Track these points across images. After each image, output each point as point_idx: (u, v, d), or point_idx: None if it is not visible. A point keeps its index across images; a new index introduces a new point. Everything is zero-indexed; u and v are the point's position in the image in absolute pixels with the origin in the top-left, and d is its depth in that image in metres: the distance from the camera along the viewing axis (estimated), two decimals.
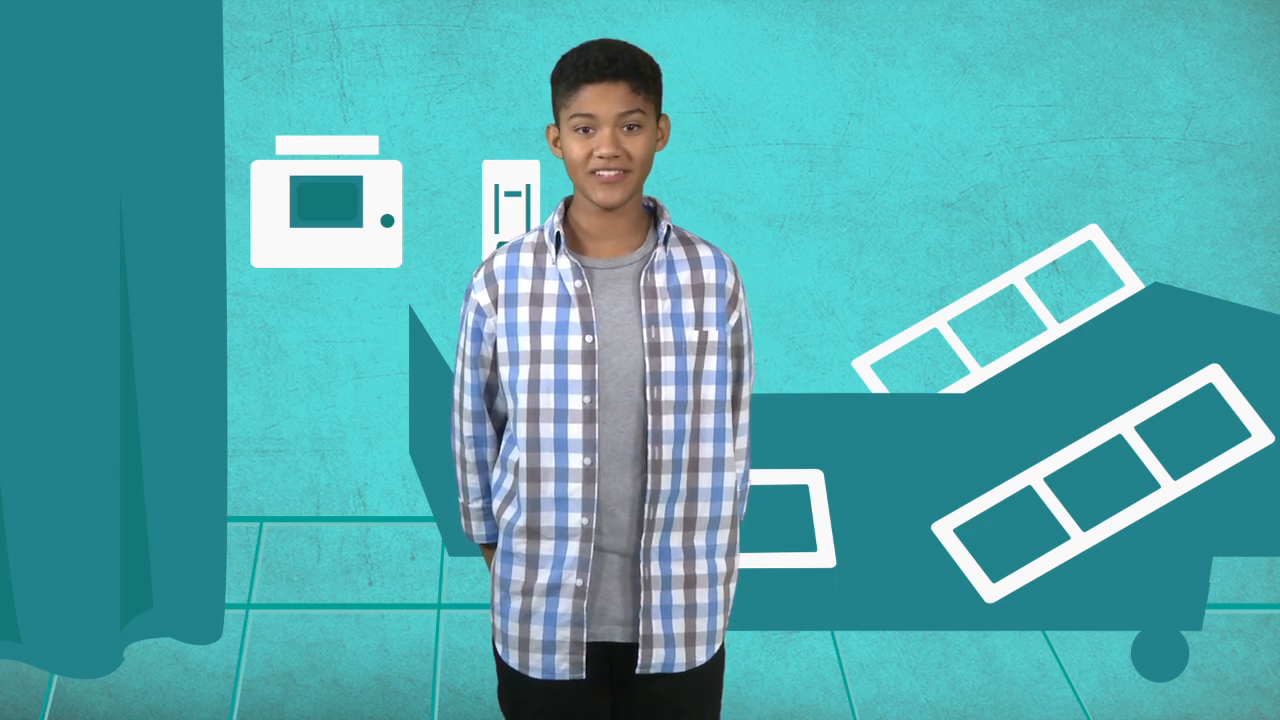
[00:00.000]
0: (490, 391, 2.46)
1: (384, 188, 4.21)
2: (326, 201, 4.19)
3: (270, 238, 4.22)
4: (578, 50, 2.36)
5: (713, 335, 2.38)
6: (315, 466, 4.24)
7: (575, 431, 2.33)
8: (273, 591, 4.23)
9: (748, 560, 4.05)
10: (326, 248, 4.22)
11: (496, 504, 2.47)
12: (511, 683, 2.43)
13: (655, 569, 2.36)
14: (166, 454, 4.10)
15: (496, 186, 4.21)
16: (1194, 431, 4.18)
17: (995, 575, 4.13)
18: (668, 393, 2.35)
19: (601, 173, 2.31)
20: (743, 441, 2.50)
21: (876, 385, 4.25)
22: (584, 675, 2.37)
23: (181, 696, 4.14)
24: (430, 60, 4.23)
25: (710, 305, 2.39)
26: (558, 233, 2.37)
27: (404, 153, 4.22)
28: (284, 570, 4.24)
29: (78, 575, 4.02)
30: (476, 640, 4.19)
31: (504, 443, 2.46)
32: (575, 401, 2.33)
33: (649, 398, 2.34)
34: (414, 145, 4.23)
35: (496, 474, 2.47)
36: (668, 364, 2.35)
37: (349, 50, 4.22)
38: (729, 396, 2.43)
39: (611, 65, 2.31)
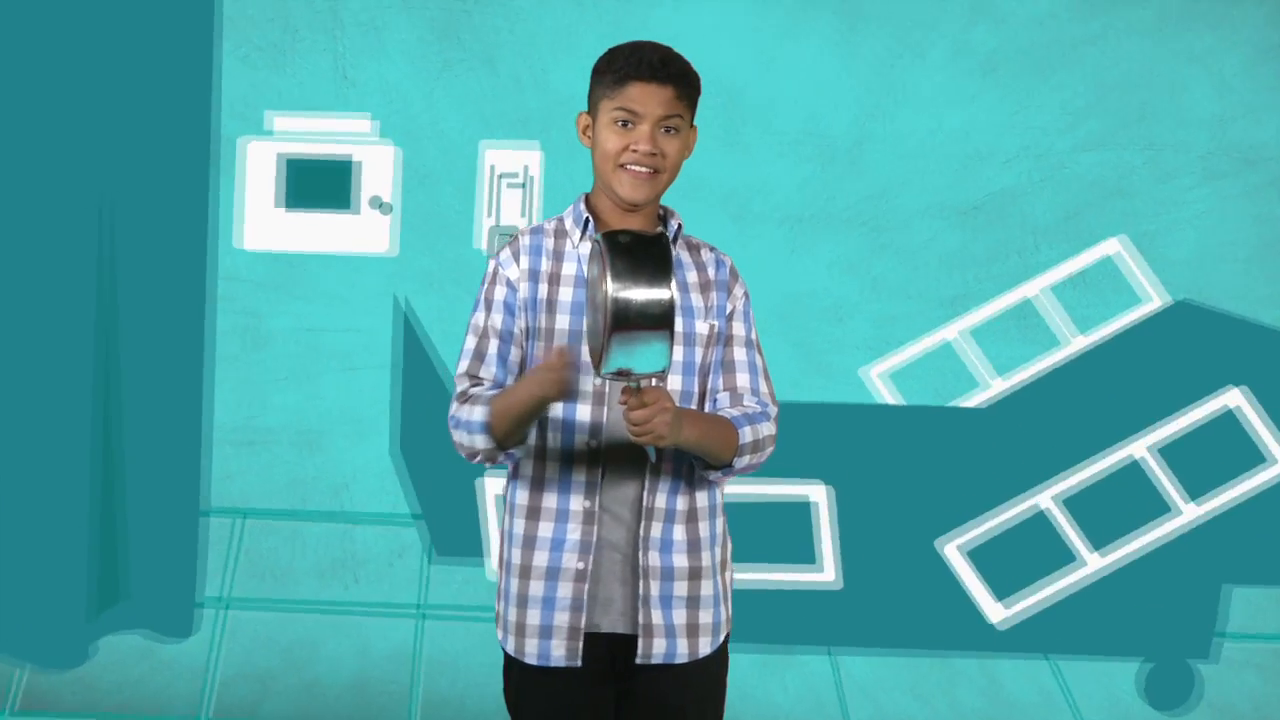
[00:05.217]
0: (514, 369, 2.45)
1: (378, 171, 4.16)
2: (318, 184, 4.16)
3: (258, 219, 4.17)
4: (631, 47, 2.41)
5: (718, 328, 2.46)
6: (298, 460, 4.20)
7: (584, 413, 2.37)
8: (252, 587, 4.20)
9: (750, 576, 4.02)
10: (317, 232, 4.17)
11: (505, 474, 2.52)
12: (515, 673, 2.45)
13: (655, 559, 2.39)
14: (144, 443, 4.08)
15: (493, 168, 4.18)
16: (1212, 455, 4.18)
17: (1003, 597, 4.10)
18: (674, 382, 2.40)
19: (633, 168, 2.37)
20: (764, 383, 2.50)
21: (887, 396, 4.21)
22: (579, 663, 2.38)
23: (154, 692, 4.09)
24: (434, 42, 4.18)
25: (713, 300, 2.46)
26: (586, 217, 2.43)
27: (401, 135, 4.18)
28: (263, 566, 4.20)
29: (45, 565, 4.00)
30: (459, 646, 4.15)
31: None
32: (586, 383, 2.37)
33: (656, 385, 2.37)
34: (411, 128, 4.18)
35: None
36: (677, 354, 2.40)
37: (350, 29, 4.18)
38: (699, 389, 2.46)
39: (664, 68, 2.38)
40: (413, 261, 4.18)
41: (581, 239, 2.43)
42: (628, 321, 2.09)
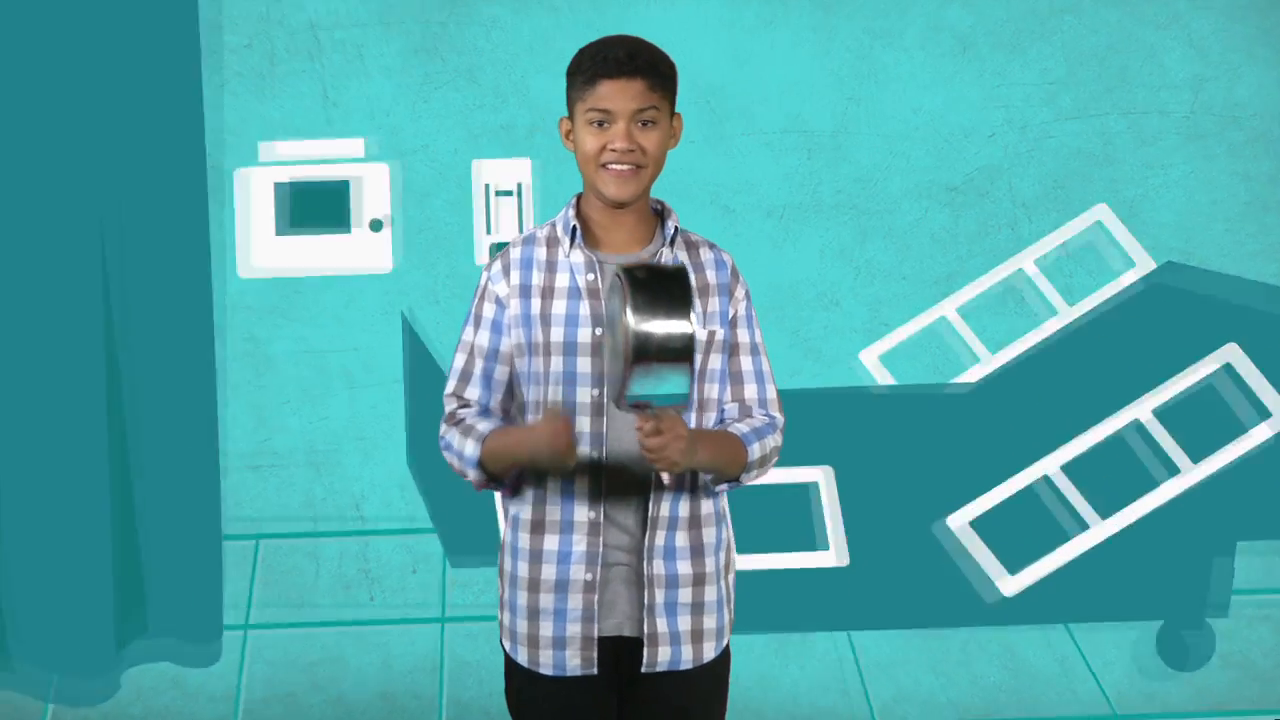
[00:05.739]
0: (499, 388, 2.43)
1: (372, 191, 4.16)
2: (313, 207, 4.15)
3: (257, 246, 4.17)
4: (597, 45, 2.38)
5: (719, 335, 2.41)
6: (310, 480, 4.21)
7: (583, 425, 2.34)
8: (272, 611, 4.20)
9: (757, 561, 4.01)
10: (314, 254, 4.17)
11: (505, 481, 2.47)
12: (520, 680, 2.44)
13: (659, 567, 2.37)
14: (158, 473, 4.06)
15: (487, 186, 4.16)
16: (1213, 413, 4.13)
17: (1013, 568, 4.08)
18: None
19: (613, 166, 2.34)
20: (771, 390, 2.48)
21: (884, 377, 4.21)
22: (595, 670, 2.38)
23: None
24: (414, 58, 4.18)
25: (714, 305, 2.41)
26: (574, 226, 2.39)
27: (391, 154, 4.18)
28: (282, 588, 4.20)
29: (70, 600, 3.98)
30: (482, 652, 4.15)
31: None
32: (584, 394, 2.34)
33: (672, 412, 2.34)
34: (401, 146, 4.18)
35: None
36: None
37: (330, 51, 4.18)
38: (718, 396, 2.45)
39: (631, 62, 2.33)
40: (412, 278, 4.18)
41: (572, 248, 2.40)
42: (648, 355, 2.11)
